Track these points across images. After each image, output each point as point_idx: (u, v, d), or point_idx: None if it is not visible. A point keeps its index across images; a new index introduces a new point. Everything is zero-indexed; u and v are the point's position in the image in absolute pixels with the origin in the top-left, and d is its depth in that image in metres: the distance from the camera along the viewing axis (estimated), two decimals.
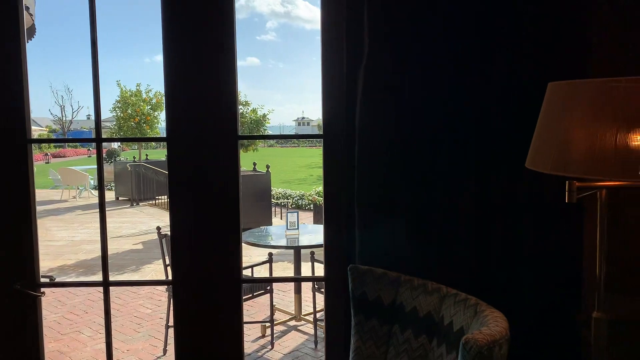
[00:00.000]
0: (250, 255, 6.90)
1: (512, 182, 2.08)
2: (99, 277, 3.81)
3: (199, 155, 2.34)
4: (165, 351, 4.53)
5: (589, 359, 1.77)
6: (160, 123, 18.04)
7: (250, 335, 4.59)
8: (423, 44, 2.08)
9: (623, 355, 1.90)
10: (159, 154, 22.53)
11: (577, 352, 1.96)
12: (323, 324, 2.75)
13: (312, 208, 12.64)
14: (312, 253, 4.53)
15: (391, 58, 2.09)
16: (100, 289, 2.51)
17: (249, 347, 4.34)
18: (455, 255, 2.14)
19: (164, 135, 2.34)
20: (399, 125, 2.12)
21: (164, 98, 2.36)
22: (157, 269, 7.45)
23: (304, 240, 4.74)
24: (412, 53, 2.08)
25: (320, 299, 3.24)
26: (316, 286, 4.35)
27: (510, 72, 2.05)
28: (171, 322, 3.74)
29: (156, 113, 17.98)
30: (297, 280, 4.81)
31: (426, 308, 1.93)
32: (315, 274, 4.58)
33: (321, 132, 2.35)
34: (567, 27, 2.00)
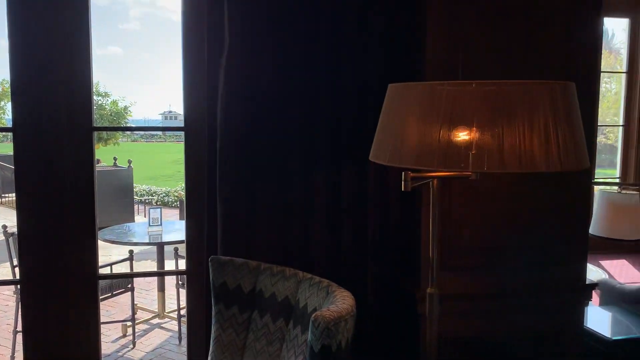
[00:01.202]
0: (111, 255, 6.59)
1: (360, 175, 2.26)
2: None
3: (49, 148, 2.23)
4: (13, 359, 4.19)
5: (424, 330, 2.01)
6: (7, 114, 16.40)
7: (110, 336, 4.41)
8: (280, 44, 2.18)
9: (451, 326, 2.17)
10: (7, 148, 20.45)
11: (417, 325, 2.19)
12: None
13: (178, 205, 12.33)
14: (176, 249, 4.47)
15: (250, 55, 2.17)
16: None
17: (108, 347, 4.17)
18: (312, 243, 2.28)
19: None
20: (257, 122, 2.21)
21: (9, 86, 2.22)
22: (4, 273, 6.82)
23: (167, 237, 4.65)
24: (269, 52, 2.17)
25: (185, 295, 3.23)
26: (180, 282, 4.30)
27: (357, 75, 2.23)
28: (20, 327, 3.49)
29: (2, 103, 16.30)
30: (158, 274, 4.72)
31: (284, 293, 2.04)
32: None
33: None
34: (407, 36, 2.23)
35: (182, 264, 4.13)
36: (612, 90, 6.46)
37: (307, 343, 1.63)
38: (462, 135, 1.47)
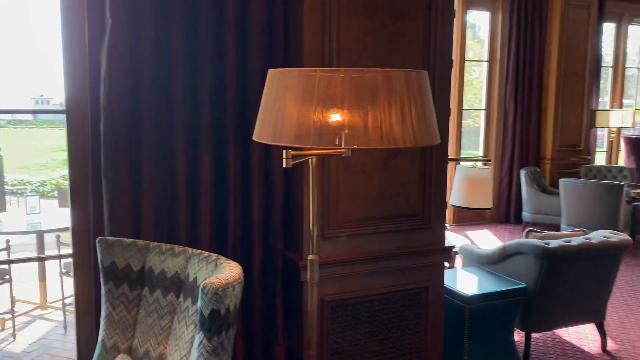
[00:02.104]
0: None
1: (244, 154, 2.40)
2: None
3: None
4: None
5: (307, 295, 2.21)
6: None
7: None
8: (163, 27, 2.24)
9: (331, 289, 2.40)
10: None
11: (300, 289, 2.39)
12: (73, 308, 2.73)
13: (56, 194, 11.62)
14: (58, 237, 4.31)
15: (133, 37, 2.21)
16: None
17: None
18: (199, 221, 2.39)
19: None
20: (141, 105, 2.25)
21: None
22: None
23: (47, 225, 4.46)
24: (151, 36, 2.22)
25: (69, 282, 3.16)
26: (64, 270, 4.17)
27: (239, 60, 2.35)
28: None
29: None
30: (41, 259, 4.52)
31: (174, 269, 2.13)
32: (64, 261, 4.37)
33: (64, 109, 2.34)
34: (285, 27, 2.39)
35: (65, 252, 4.01)
36: (479, 78, 7.12)
37: (197, 309, 1.75)
38: (335, 117, 1.66)
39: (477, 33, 7.49)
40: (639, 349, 3.51)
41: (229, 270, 1.87)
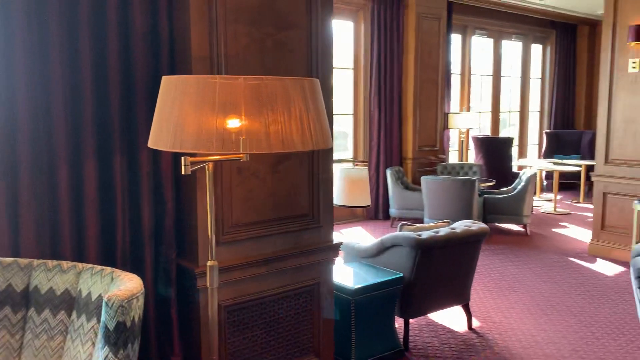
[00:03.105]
0: None
1: (132, 163, 2.35)
2: None
3: None
4: None
5: (205, 301, 2.21)
6: None
7: None
8: (41, 33, 2.12)
9: (229, 294, 2.43)
10: None
11: (197, 297, 2.39)
12: None
13: None
14: None
15: (9, 47, 2.06)
16: None
17: None
18: (86, 235, 2.28)
19: None
20: (18, 116, 2.11)
21: None
22: None
23: None
24: (28, 43, 2.09)
25: None
26: None
27: (123, 69, 2.30)
28: None
29: None
30: None
31: (63, 286, 2.03)
32: None
33: None
34: (170, 34, 2.38)
35: None
36: (346, 85, 7.48)
37: (101, 324, 1.69)
38: (235, 123, 1.71)
39: (344, 41, 7.86)
40: (498, 324, 3.98)
41: (129, 282, 1.84)
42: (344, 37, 7.41)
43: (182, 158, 1.82)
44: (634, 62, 5.40)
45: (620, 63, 5.50)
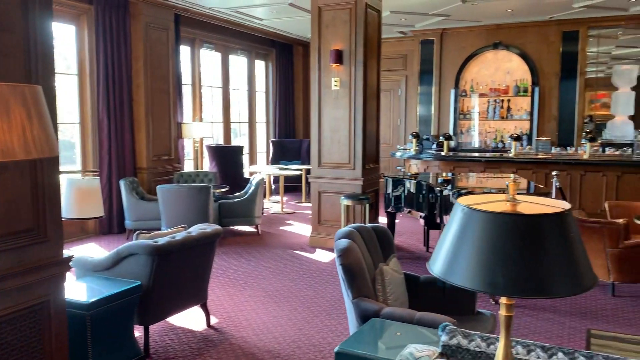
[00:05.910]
0: None
1: None
2: None
3: None
4: None
5: None
6: None
7: None
8: None
9: None
10: None
11: None
12: None
13: None
14: None
15: None
16: None
17: None
18: None
19: None
20: None
21: None
22: None
23: None
24: None
25: None
26: None
27: None
28: None
29: None
30: None
31: None
32: None
33: None
34: None
35: None
36: (70, 91, 7.00)
37: None
38: None
39: (64, 46, 7.34)
40: (234, 318, 4.30)
41: None
42: (66, 40, 6.94)
43: None
44: (335, 81, 6.41)
45: (325, 81, 6.47)
